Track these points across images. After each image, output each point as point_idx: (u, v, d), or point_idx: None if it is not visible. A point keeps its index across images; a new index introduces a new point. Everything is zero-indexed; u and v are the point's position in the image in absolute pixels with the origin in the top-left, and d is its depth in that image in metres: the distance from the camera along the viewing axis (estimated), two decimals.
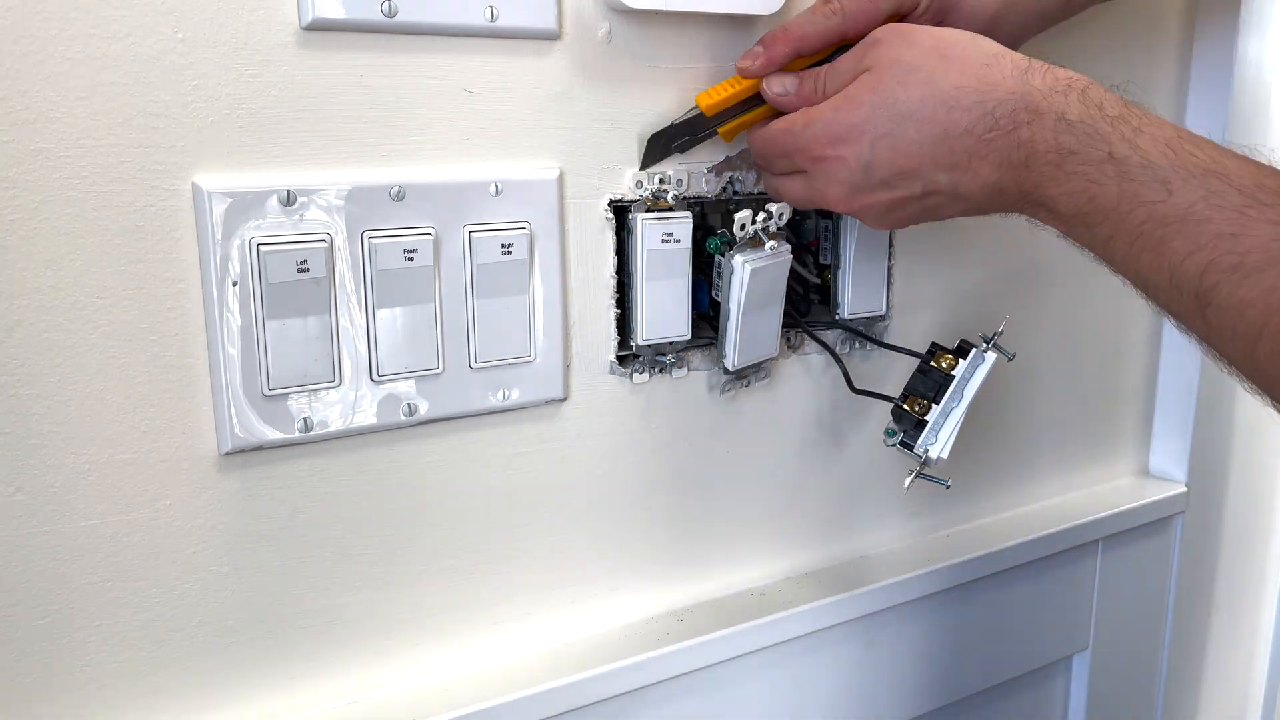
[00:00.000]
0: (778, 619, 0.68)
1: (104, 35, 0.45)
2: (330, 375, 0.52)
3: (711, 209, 0.69)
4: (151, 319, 0.48)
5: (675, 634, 0.65)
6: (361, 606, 0.56)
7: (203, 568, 0.52)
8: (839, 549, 0.76)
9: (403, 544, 0.57)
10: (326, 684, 0.56)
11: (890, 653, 0.76)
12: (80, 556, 0.49)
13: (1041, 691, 0.91)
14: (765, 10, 0.60)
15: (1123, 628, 0.93)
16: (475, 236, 0.54)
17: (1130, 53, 0.83)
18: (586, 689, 0.60)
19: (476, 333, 0.56)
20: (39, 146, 0.44)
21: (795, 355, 0.69)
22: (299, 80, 0.50)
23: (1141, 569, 0.93)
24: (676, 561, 0.67)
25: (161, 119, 0.47)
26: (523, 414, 0.59)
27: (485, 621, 0.61)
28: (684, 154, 0.61)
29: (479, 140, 0.55)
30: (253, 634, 0.54)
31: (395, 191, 0.52)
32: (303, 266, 0.50)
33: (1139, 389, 0.94)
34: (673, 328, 0.62)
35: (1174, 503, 0.93)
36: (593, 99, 0.58)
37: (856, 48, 0.55)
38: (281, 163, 0.50)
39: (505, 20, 0.53)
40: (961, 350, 0.62)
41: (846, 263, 0.68)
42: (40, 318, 0.46)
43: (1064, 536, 0.83)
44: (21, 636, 0.48)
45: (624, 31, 0.58)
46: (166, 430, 0.49)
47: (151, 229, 0.48)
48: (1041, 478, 0.88)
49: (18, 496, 0.47)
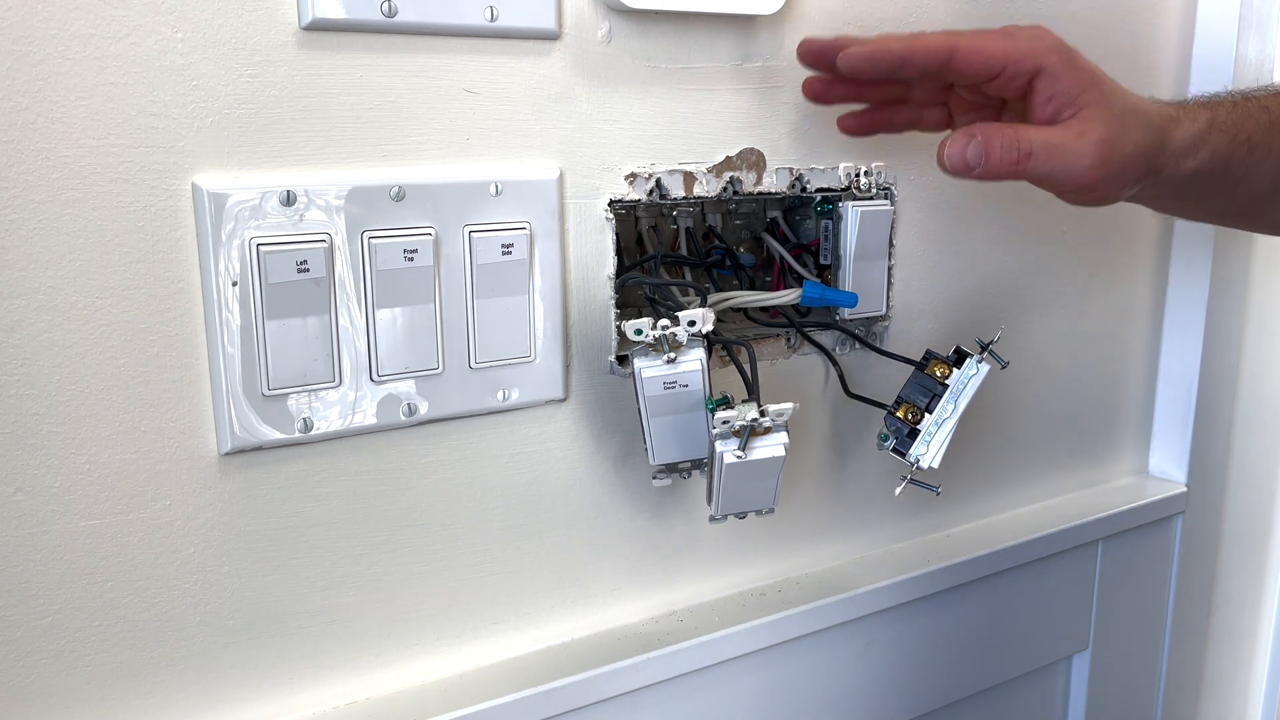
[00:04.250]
0: (777, 619, 0.68)
1: (104, 35, 0.45)
2: (330, 375, 0.52)
3: (712, 209, 0.69)
4: (151, 319, 0.48)
5: (675, 634, 0.65)
6: (361, 606, 0.56)
7: (203, 568, 0.52)
8: (838, 549, 0.75)
9: (402, 544, 0.57)
10: (326, 684, 0.56)
11: (890, 653, 0.76)
12: (80, 556, 0.49)
13: (1041, 691, 0.91)
14: (765, 10, 0.60)
15: (1123, 628, 0.94)
16: (475, 236, 0.54)
17: (1130, 52, 0.83)
18: (586, 689, 0.60)
19: (476, 333, 0.56)
20: (39, 146, 0.45)
21: (795, 355, 0.69)
22: (299, 80, 0.50)
23: (1141, 569, 0.93)
24: (676, 561, 0.67)
25: (161, 119, 0.47)
26: (523, 414, 0.59)
27: (485, 622, 0.61)
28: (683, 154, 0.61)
29: (479, 140, 0.55)
30: (253, 634, 0.54)
31: (395, 191, 0.52)
32: (303, 266, 0.50)
33: (1139, 389, 0.94)
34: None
35: (1174, 503, 0.93)
36: (593, 99, 0.58)
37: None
38: (281, 163, 0.50)
39: (505, 20, 0.53)
40: (956, 358, 0.62)
41: (846, 263, 0.68)
42: (40, 318, 0.46)
43: (1064, 536, 0.83)
44: (21, 636, 0.48)
45: (624, 31, 0.58)
46: (166, 430, 0.49)
47: (151, 229, 0.48)
48: (1042, 478, 0.88)
49: (18, 496, 0.47)
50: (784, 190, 0.66)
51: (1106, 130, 0.55)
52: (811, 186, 0.66)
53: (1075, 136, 0.55)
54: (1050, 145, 0.54)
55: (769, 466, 0.55)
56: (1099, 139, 0.54)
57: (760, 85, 0.63)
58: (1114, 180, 0.56)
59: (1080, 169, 0.55)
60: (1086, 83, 0.55)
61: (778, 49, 0.63)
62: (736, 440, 0.54)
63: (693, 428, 0.57)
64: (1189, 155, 0.58)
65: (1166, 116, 0.57)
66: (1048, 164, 0.55)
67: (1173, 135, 0.57)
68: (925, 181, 0.72)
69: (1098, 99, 0.55)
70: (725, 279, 0.69)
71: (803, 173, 0.66)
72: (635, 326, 0.54)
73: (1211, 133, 0.58)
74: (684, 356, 0.55)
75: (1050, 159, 0.54)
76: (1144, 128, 0.56)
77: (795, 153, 0.66)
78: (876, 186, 0.69)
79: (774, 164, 0.65)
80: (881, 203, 0.69)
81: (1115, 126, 0.55)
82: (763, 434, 0.54)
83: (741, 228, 0.71)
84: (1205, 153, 0.58)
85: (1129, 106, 0.56)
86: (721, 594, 0.70)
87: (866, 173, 0.68)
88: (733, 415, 0.53)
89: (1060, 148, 0.54)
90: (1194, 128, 0.58)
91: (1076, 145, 0.54)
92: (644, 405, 0.56)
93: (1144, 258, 0.90)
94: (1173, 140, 0.57)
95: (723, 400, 0.55)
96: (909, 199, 0.72)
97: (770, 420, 0.54)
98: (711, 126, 0.62)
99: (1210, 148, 0.58)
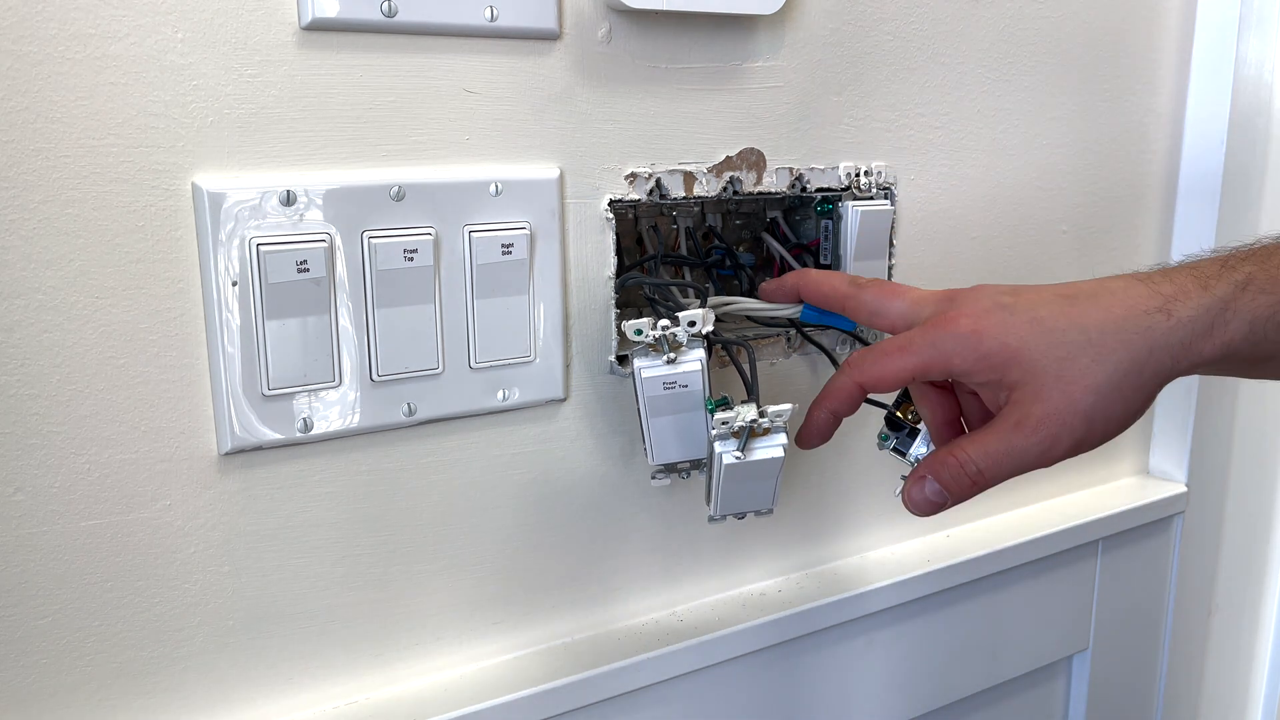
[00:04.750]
0: (778, 619, 0.67)
1: (104, 35, 0.45)
2: (330, 375, 0.52)
3: (712, 209, 0.69)
4: (151, 319, 0.48)
5: (675, 634, 0.65)
6: (361, 606, 0.56)
7: (203, 568, 0.52)
8: (839, 549, 0.75)
9: (402, 544, 0.57)
10: (326, 684, 0.56)
11: (890, 653, 0.76)
12: (80, 556, 0.49)
13: (1041, 691, 0.91)
14: (765, 10, 0.60)
15: (1123, 628, 0.93)
16: (475, 236, 0.54)
17: (1130, 52, 0.83)
18: (586, 689, 0.60)
19: (476, 333, 0.56)
20: (39, 146, 0.44)
21: (795, 355, 0.69)
22: (299, 80, 0.50)
23: (1141, 569, 0.93)
24: (677, 561, 0.67)
25: (161, 119, 0.47)
26: (523, 414, 0.59)
27: (485, 622, 0.61)
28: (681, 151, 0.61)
29: (479, 140, 0.55)
30: (253, 634, 0.54)
31: (395, 191, 0.52)
32: (302, 266, 0.50)
33: None
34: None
35: (1174, 503, 0.93)
36: (593, 99, 0.58)
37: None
38: (281, 163, 0.50)
39: (505, 20, 0.53)
40: None
41: (846, 263, 0.68)
42: (40, 318, 0.46)
43: (1064, 537, 0.83)
44: (21, 636, 0.48)
45: (624, 31, 0.58)
46: (166, 430, 0.49)
47: (151, 229, 0.48)
48: (1041, 478, 0.88)
49: (18, 496, 0.47)
50: (784, 190, 0.66)
51: (1044, 404, 0.47)
52: (811, 186, 0.66)
53: (1012, 430, 0.47)
54: (990, 455, 0.48)
55: (768, 467, 0.55)
56: (1037, 420, 0.47)
57: (760, 85, 0.63)
58: (1096, 428, 0.48)
59: (1032, 459, 0.48)
60: (1004, 365, 0.48)
61: (778, 49, 0.63)
62: (736, 441, 0.54)
63: (692, 428, 0.57)
64: (1206, 335, 0.47)
65: (1150, 310, 0.47)
66: (1000, 473, 0.48)
67: (1165, 329, 0.47)
68: (925, 181, 0.72)
69: (1023, 375, 0.47)
70: (725, 279, 0.69)
71: (803, 173, 0.66)
72: (635, 326, 0.54)
73: (1244, 295, 0.46)
74: (684, 357, 0.55)
75: (1000, 468, 0.48)
76: (1110, 353, 0.47)
77: (795, 153, 0.66)
78: (877, 186, 0.69)
79: (774, 164, 0.65)
80: (882, 203, 0.69)
81: (1055, 391, 0.47)
82: (762, 435, 0.54)
83: (741, 228, 0.71)
84: (1236, 324, 0.46)
85: (1076, 348, 0.47)
86: (721, 594, 0.70)
87: (866, 173, 0.68)
88: (732, 416, 0.53)
89: (1001, 453, 0.48)
90: (1207, 299, 0.47)
91: (1015, 441, 0.47)
92: (644, 405, 0.56)
93: (1144, 258, 0.90)
94: (1170, 333, 0.47)
95: (722, 401, 0.55)
96: (909, 199, 0.72)
97: (769, 421, 0.54)
98: (711, 126, 0.62)
99: (1244, 318, 0.46)
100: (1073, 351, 0.47)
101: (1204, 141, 0.87)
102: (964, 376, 0.49)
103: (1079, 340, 0.47)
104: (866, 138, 0.69)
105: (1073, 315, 0.48)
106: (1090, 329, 0.47)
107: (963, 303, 0.50)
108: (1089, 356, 0.47)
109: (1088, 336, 0.47)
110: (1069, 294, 0.49)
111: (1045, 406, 0.47)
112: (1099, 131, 0.83)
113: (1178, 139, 0.88)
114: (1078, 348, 0.47)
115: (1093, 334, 0.47)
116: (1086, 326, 0.47)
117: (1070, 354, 0.47)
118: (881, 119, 0.69)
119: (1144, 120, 0.86)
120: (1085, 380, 0.47)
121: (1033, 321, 0.48)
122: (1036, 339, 0.48)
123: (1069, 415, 0.47)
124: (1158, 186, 0.89)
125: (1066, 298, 0.49)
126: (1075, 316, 0.48)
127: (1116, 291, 0.48)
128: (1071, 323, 0.48)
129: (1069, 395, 0.47)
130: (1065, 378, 0.47)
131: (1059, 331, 0.48)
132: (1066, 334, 0.47)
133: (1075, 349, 0.47)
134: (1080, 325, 0.47)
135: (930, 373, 0.50)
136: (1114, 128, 0.84)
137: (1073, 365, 0.47)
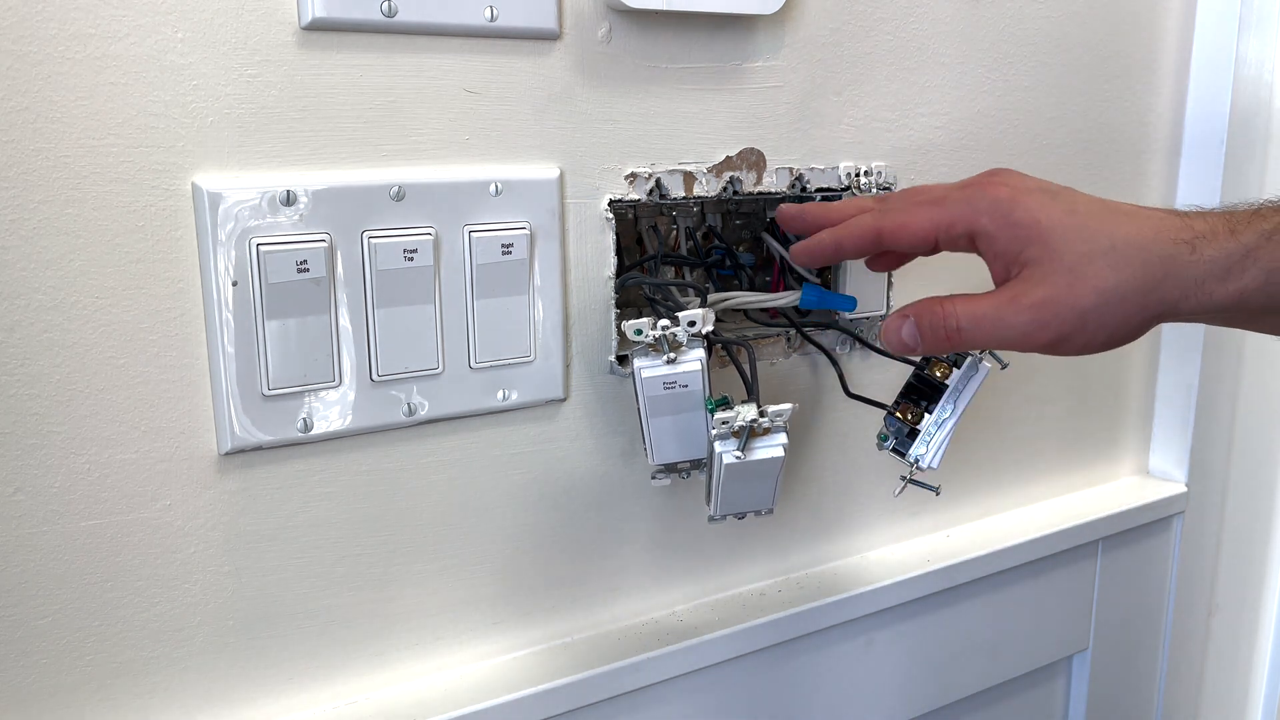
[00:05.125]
0: (777, 619, 0.68)
1: (104, 35, 0.45)
2: (330, 375, 0.52)
3: (712, 209, 0.69)
4: (151, 319, 0.48)
5: (675, 634, 0.65)
6: (361, 606, 0.56)
7: (203, 568, 0.52)
8: (838, 549, 0.76)
9: (402, 544, 0.57)
10: (326, 684, 0.56)
11: (890, 653, 0.76)
12: (80, 556, 0.49)
13: (1041, 691, 0.91)
14: (765, 10, 0.60)
15: (1123, 628, 0.93)
16: (475, 236, 0.54)
17: (1130, 52, 0.83)
18: (586, 689, 0.60)
19: (476, 333, 0.56)
20: (39, 146, 0.45)
21: (795, 355, 0.69)
22: (299, 80, 0.50)
23: (1141, 569, 0.93)
24: (677, 561, 0.67)
25: (161, 119, 0.47)
26: (523, 414, 0.59)
27: (484, 621, 0.61)
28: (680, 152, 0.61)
29: (479, 140, 0.55)
30: (253, 634, 0.54)
31: (395, 191, 0.52)
32: (302, 266, 0.50)
33: (1139, 389, 0.94)
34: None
35: (1174, 503, 0.93)
36: (593, 99, 0.58)
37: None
38: (281, 163, 0.50)
39: (505, 20, 0.53)
40: (957, 358, 0.62)
41: (846, 263, 0.68)
42: (40, 318, 0.46)
43: (1064, 537, 0.83)
44: (22, 636, 0.48)
45: (624, 31, 0.58)
46: (166, 430, 0.49)
47: (151, 229, 0.48)
48: (1041, 478, 0.88)
49: (18, 496, 0.47)
50: (784, 190, 0.66)
51: (1048, 288, 0.48)
52: (811, 186, 0.66)
53: (1007, 303, 0.49)
54: (976, 317, 0.49)
55: (768, 467, 0.55)
56: (1035, 301, 0.48)
57: (760, 85, 0.63)
58: (1085, 332, 0.49)
59: (1013, 336, 0.49)
60: (1027, 238, 0.49)
61: (778, 49, 0.63)
62: (736, 441, 0.54)
63: (692, 428, 0.57)
64: (1222, 278, 0.47)
65: (1178, 240, 0.48)
66: (978, 336, 0.50)
67: (1187, 261, 0.48)
68: (925, 181, 0.72)
69: (1041, 254, 0.49)
70: (725, 279, 0.69)
71: (803, 173, 0.66)
72: (635, 326, 0.54)
73: (1267, 245, 0.47)
74: (684, 357, 0.55)
75: (979, 331, 0.49)
76: (1127, 265, 0.48)
77: (795, 153, 0.66)
78: (876, 186, 0.69)
79: (774, 164, 0.65)
80: None
81: (1063, 280, 0.48)
82: (762, 434, 0.54)
83: (741, 228, 0.71)
84: (1254, 272, 0.47)
85: (1098, 249, 0.48)
86: (721, 594, 0.70)
87: (866, 173, 0.68)
88: (732, 416, 0.53)
89: (987, 318, 0.49)
90: (1232, 244, 0.47)
91: (1006, 313, 0.49)
92: (643, 405, 0.56)
93: None
94: (1189, 267, 0.48)
95: (722, 400, 0.55)
96: None
97: (769, 421, 0.54)
98: (711, 126, 0.62)
99: (1262, 266, 0.47)
100: (1094, 252, 0.48)
101: (1204, 141, 0.87)
102: (986, 240, 0.50)
103: (1104, 244, 0.48)
104: (866, 138, 0.69)
105: (1106, 220, 0.49)
106: (1117, 238, 0.48)
107: (1007, 175, 0.52)
108: (1107, 262, 0.48)
109: (1113, 243, 0.48)
110: (1110, 205, 0.51)
111: (1047, 291, 0.48)
112: (1099, 131, 0.83)
113: (1178, 139, 0.88)
114: (1100, 251, 0.48)
115: (1119, 243, 0.48)
116: (1114, 234, 0.49)
117: (1091, 253, 0.48)
118: (881, 119, 0.69)
119: (1144, 120, 0.86)
120: (1095, 281, 0.48)
121: (1069, 212, 0.49)
122: (1066, 227, 0.49)
123: (1066, 308, 0.48)
124: (1158, 186, 0.89)
125: (1107, 207, 0.50)
126: (1108, 223, 0.49)
127: (1152, 217, 0.50)
128: (1102, 226, 0.49)
129: (1074, 289, 0.48)
130: (1077, 271, 0.48)
131: (1089, 230, 0.49)
132: (1095, 234, 0.49)
133: (1098, 251, 0.48)
134: (1109, 232, 0.49)
135: (955, 228, 0.51)
136: (1114, 128, 0.84)
137: (1089, 264, 0.48)
